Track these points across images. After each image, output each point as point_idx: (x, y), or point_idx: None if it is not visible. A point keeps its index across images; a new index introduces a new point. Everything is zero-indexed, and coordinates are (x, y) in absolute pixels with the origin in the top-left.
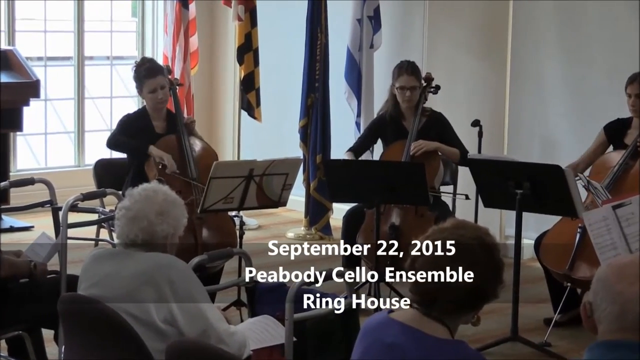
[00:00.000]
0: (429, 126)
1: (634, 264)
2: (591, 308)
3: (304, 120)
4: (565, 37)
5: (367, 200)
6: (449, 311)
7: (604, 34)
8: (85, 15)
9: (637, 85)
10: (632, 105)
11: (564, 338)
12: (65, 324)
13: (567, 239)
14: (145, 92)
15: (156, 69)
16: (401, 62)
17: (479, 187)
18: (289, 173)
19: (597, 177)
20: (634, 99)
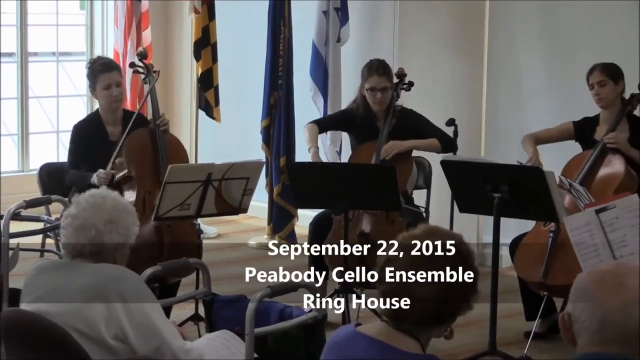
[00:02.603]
0: (400, 126)
1: (615, 271)
2: (570, 320)
3: (266, 120)
4: (544, 32)
5: (334, 206)
6: (419, 324)
7: (584, 29)
8: (29, 8)
9: (597, 73)
10: (595, 95)
11: (545, 351)
12: (7, 341)
13: (540, 247)
14: (99, 88)
15: (112, 65)
16: (371, 61)
17: (454, 190)
18: (250, 177)
19: (570, 175)
20: (597, 88)
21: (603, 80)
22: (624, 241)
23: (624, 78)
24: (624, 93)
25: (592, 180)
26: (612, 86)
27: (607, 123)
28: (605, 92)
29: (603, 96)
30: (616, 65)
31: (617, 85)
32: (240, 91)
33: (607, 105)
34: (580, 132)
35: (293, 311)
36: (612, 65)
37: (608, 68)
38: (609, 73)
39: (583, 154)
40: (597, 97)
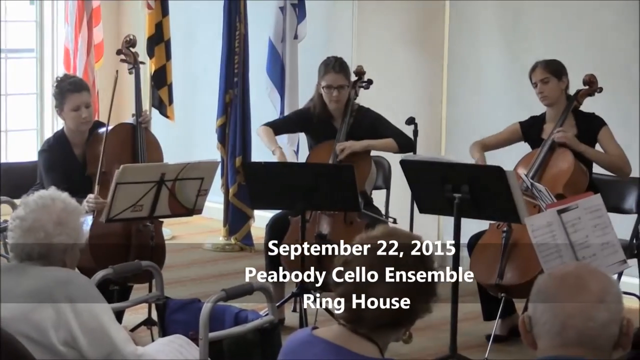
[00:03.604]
0: (358, 125)
1: (576, 273)
2: (530, 322)
3: (221, 119)
4: (505, 30)
5: (291, 207)
6: (377, 327)
7: (546, 26)
8: None
9: (539, 71)
10: (539, 93)
11: (507, 354)
12: None
13: (494, 248)
14: (67, 109)
15: (82, 85)
16: (328, 58)
17: (413, 191)
18: (205, 177)
19: None
20: (540, 86)
21: (546, 77)
22: (586, 242)
23: (567, 74)
24: (568, 89)
25: (542, 177)
26: (555, 83)
27: (554, 121)
28: (548, 89)
29: (547, 94)
30: (558, 61)
31: (561, 81)
32: (194, 89)
33: (551, 103)
34: (527, 132)
35: (248, 315)
36: (555, 62)
37: (551, 65)
38: (551, 70)
39: (532, 153)
40: (541, 95)
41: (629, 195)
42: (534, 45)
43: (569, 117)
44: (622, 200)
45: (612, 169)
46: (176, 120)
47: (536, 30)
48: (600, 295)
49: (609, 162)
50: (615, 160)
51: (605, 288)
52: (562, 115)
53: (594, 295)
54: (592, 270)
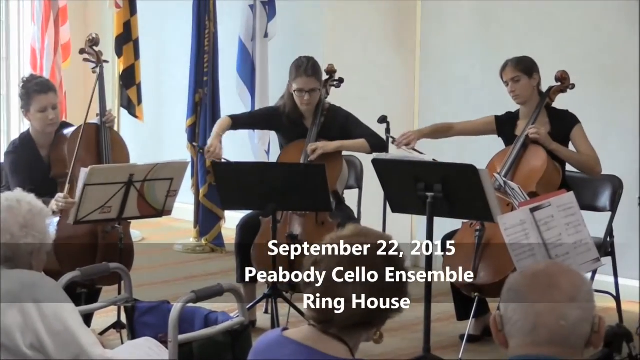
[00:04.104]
0: (329, 124)
1: (547, 271)
2: (502, 321)
3: (191, 118)
4: (478, 26)
5: (262, 207)
6: (347, 327)
7: (518, 23)
8: None
9: (510, 69)
10: (511, 92)
11: (481, 354)
12: None
13: (467, 247)
14: (33, 110)
15: (49, 85)
16: (299, 59)
17: (385, 190)
18: (174, 178)
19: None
20: (512, 85)
21: (517, 76)
22: (560, 240)
23: (538, 70)
24: (540, 85)
25: (515, 175)
26: (526, 81)
27: (527, 117)
28: (520, 88)
29: (518, 92)
30: (529, 59)
31: (532, 78)
32: (163, 88)
33: (524, 101)
34: (502, 127)
35: (219, 317)
36: (525, 59)
37: (521, 63)
38: (522, 68)
39: (505, 150)
40: (513, 94)
41: (602, 193)
42: (507, 43)
43: (542, 113)
44: (596, 198)
45: (582, 169)
46: (145, 120)
47: (508, 28)
48: (572, 293)
49: (580, 161)
50: (587, 160)
51: (577, 286)
52: (535, 112)
53: (566, 294)
54: (564, 268)
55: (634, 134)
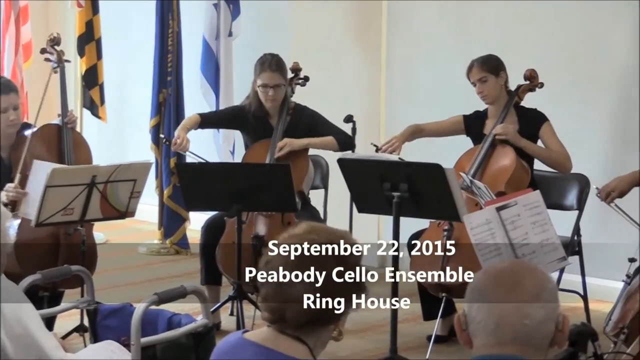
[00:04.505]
0: (295, 123)
1: (511, 270)
2: (466, 320)
3: (155, 118)
4: (445, 24)
5: (227, 208)
6: (301, 327)
7: (485, 21)
8: None
9: (476, 70)
10: (479, 92)
11: (448, 354)
12: None
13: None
14: None
15: (11, 86)
16: (264, 56)
17: (351, 190)
18: (137, 179)
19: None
20: (479, 85)
21: (483, 76)
22: (526, 239)
23: (504, 68)
24: (507, 83)
25: (483, 174)
26: (494, 81)
27: (496, 116)
28: (488, 88)
29: (487, 93)
30: (494, 57)
31: (499, 77)
32: (127, 89)
33: (492, 101)
34: (470, 126)
35: (182, 319)
36: (490, 58)
37: (487, 63)
38: (488, 68)
39: (473, 149)
40: (481, 95)
41: (570, 191)
42: (474, 42)
43: (511, 112)
44: (563, 196)
45: (553, 165)
46: (108, 120)
47: (476, 27)
48: (536, 292)
49: (550, 157)
50: (557, 156)
51: (541, 284)
52: (504, 111)
53: (529, 293)
54: (528, 266)
55: (601, 132)
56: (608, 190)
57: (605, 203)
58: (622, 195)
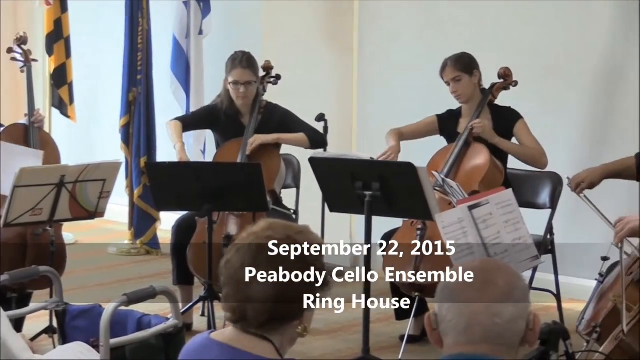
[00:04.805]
0: (266, 122)
1: (482, 268)
2: (436, 320)
3: (125, 118)
4: (417, 22)
5: (197, 208)
6: (263, 325)
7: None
8: None
9: (450, 70)
10: (452, 92)
11: (420, 354)
12: None
13: (408, 246)
14: None
15: None
16: (235, 53)
17: (323, 189)
18: (107, 179)
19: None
20: (453, 85)
21: (457, 76)
22: (498, 238)
23: (478, 66)
24: (481, 82)
25: (457, 173)
26: (467, 80)
27: (469, 115)
28: (462, 88)
29: (461, 92)
30: (467, 55)
31: (473, 76)
32: (96, 88)
33: (467, 100)
34: (443, 125)
35: (152, 320)
36: (463, 57)
37: (460, 61)
38: (461, 67)
39: (447, 148)
40: (455, 94)
41: (542, 190)
42: (446, 41)
43: (485, 110)
44: (536, 195)
45: (528, 161)
46: (78, 120)
47: (448, 26)
48: (507, 290)
49: (525, 154)
50: (532, 152)
51: (512, 283)
52: (478, 109)
53: (500, 291)
54: (498, 265)
55: (576, 131)
56: (578, 181)
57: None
58: (592, 186)
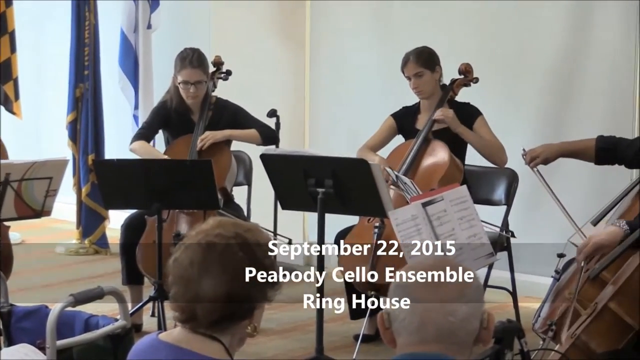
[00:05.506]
0: (217, 118)
1: (435, 267)
2: (389, 319)
3: (72, 114)
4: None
5: (147, 206)
6: (212, 325)
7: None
8: None
9: (412, 65)
10: (414, 88)
11: (375, 354)
12: None
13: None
14: None
15: None
16: (184, 51)
17: (275, 186)
18: (53, 177)
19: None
20: (415, 81)
21: (419, 71)
22: (453, 235)
23: (439, 62)
24: (442, 77)
25: (416, 171)
26: (429, 76)
27: (429, 111)
28: (423, 84)
29: (422, 88)
30: (429, 50)
31: (435, 72)
32: (42, 83)
33: (428, 96)
34: (401, 124)
35: (99, 320)
36: (425, 52)
37: (422, 56)
38: (424, 62)
39: (405, 144)
40: (416, 91)
41: (498, 186)
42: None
43: (445, 107)
44: (492, 191)
45: (489, 155)
46: (24, 116)
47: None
48: (460, 288)
49: (487, 146)
50: (493, 147)
51: (465, 281)
52: (438, 105)
53: (453, 290)
54: (451, 263)
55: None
56: (533, 155)
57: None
58: (546, 162)
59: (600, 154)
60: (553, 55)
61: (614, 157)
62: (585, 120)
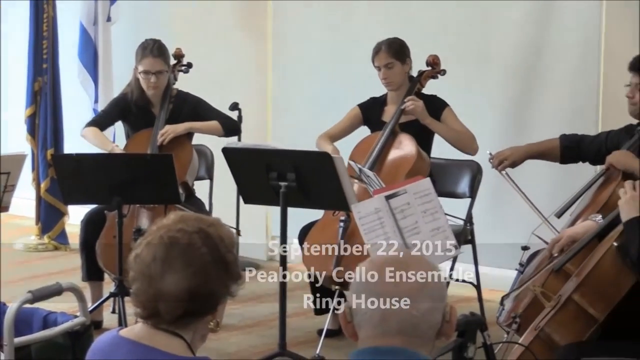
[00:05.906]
0: (178, 111)
1: (398, 260)
2: (351, 313)
3: (30, 108)
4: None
5: (107, 201)
6: (175, 321)
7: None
8: None
9: (383, 55)
10: (384, 79)
11: (338, 349)
12: None
13: (329, 237)
14: None
15: None
16: (146, 41)
17: (237, 180)
18: (11, 172)
19: (360, 160)
20: (385, 71)
21: (390, 62)
22: (416, 228)
23: (410, 54)
24: (411, 69)
25: (383, 164)
26: (399, 67)
27: (396, 103)
28: (393, 75)
29: (391, 80)
30: (401, 42)
31: (405, 64)
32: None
33: (397, 88)
34: (367, 114)
35: (58, 317)
36: (397, 42)
37: (394, 47)
38: (395, 53)
39: (371, 136)
40: (385, 82)
41: (462, 179)
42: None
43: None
44: (456, 184)
45: (459, 145)
46: None
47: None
48: (422, 282)
49: (457, 137)
50: (463, 136)
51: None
52: (406, 96)
53: (415, 283)
54: (413, 257)
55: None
56: (501, 158)
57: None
58: (514, 165)
59: (565, 152)
60: (520, 50)
61: (578, 154)
62: (548, 114)
